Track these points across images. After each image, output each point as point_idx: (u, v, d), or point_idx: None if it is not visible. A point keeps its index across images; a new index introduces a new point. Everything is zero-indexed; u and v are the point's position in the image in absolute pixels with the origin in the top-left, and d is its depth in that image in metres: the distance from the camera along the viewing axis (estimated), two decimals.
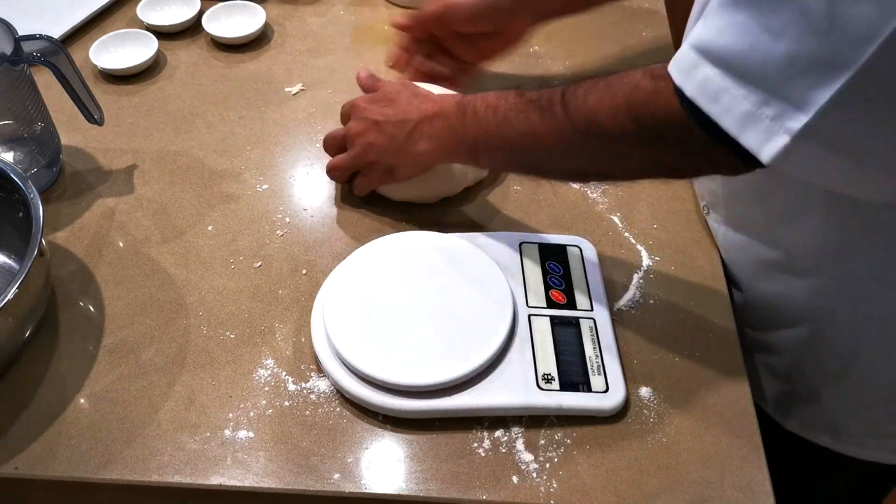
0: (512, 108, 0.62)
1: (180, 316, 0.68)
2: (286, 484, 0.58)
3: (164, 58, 0.95)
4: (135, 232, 0.75)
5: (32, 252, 0.59)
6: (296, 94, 0.91)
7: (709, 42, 0.48)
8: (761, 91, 0.46)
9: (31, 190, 0.64)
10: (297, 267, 0.72)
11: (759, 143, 0.47)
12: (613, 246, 0.74)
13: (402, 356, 0.61)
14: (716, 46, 0.48)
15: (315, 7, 1.04)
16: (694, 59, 0.49)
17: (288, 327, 0.67)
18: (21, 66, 0.72)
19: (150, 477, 0.58)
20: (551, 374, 0.62)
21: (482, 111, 0.64)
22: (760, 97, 0.46)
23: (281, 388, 0.63)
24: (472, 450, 0.59)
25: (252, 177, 0.81)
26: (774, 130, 0.46)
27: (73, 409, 0.62)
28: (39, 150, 0.79)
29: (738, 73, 0.47)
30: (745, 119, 0.47)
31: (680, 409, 0.62)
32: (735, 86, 0.47)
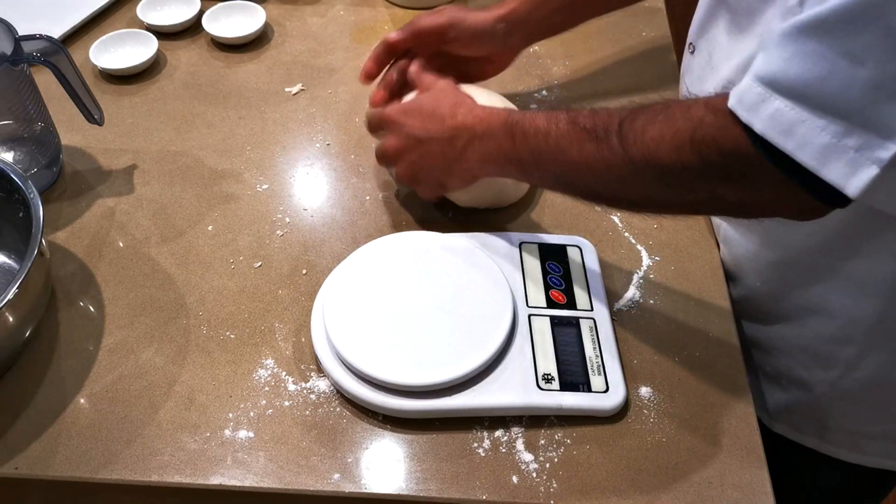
0: (565, 136, 0.60)
1: (180, 316, 0.68)
2: (286, 484, 0.58)
3: (164, 58, 0.95)
4: (135, 232, 0.75)
5: (32, 252, 0.59)
6: (296, 94, 0.91)
7: (776, 74, 0.46)
8: (842, 121, 0.44)
9: (31, 190, 0.64)
10: (297, 267, 0.72)
11: (844, 176, 0.45)
12: (613, 246, 0.74)
13: (402, 356, 0.61)
14: (785, 78, 0.46)
15: (315, 7, 1.04)
16: (760, 92, 0.47)
17: (288, 327, 0.67)
18: (21, 66, 0.72)
19: (150, 477, 0.58)
20: (551, 374, 0.62)
21: (532, 135, 0.62)
22: (841, 127, 0.44)
23: (281, 388, 0.63)
24: (472, 450, 0.59)
25: (252, 177, 0.81)
26: (860, 162, 0.44)
27: (73, 409, 0.62)
28: (39, 150, 0.79)
29: (814, 104, 0.45)
30: (826, 152, 0.45)
31: (680, 409, 0.62)
32: (811, 117, 0.45)
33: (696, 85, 0.73)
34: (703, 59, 0.72)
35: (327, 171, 0.82)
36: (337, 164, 0.83)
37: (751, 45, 0.63)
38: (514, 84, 0.92)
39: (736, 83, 0.64)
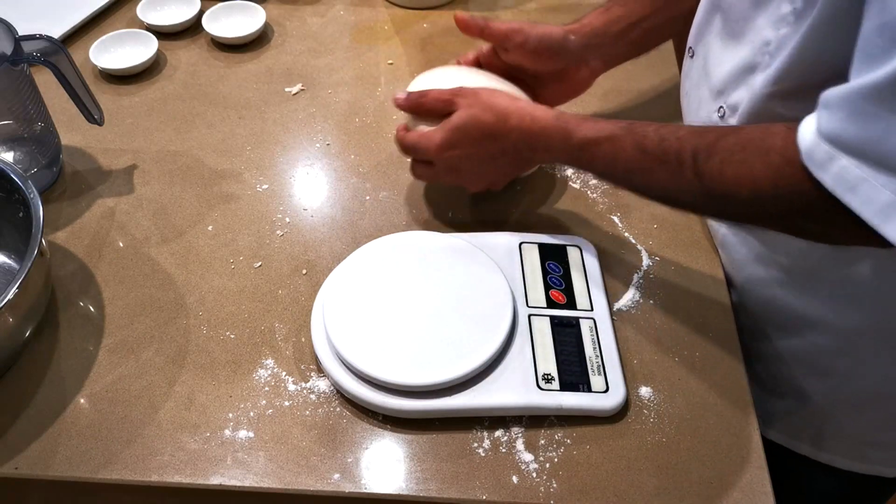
0: (633, 162, 0.60)
1: (180, 316, 0.68)
2: (286, 484, 0.58)
3: (164, 58, 0.95)
4: (135, 232, 0.75)
5: (32, 252, 0.59)
6: (296, 94, 0.91)
7: (840, 133, 0.47)
8: None
9: (31, 190, 0.64)
10: (297, 267, 0.72)
11: None
12: (613, 246, 0.74)
13: (402, 356, 0.61)
14: (847, 136, 0.47)
15: (315, 7, 1.04)
16: (828, 150, 0.48)
17: (288, 327, 0.67)
18: (21, 66, 0.72)
19: (150, 477, 0.58)
20: (551, 374, 0.62)
21: (599, 159, 0.63)
22: None
23: (281, 388, 0.63)
24: (472, 450, 0.59)
25: (252, 177, 0.81)
26: None
27: (73, 409, 0.62)
28: (39, 150, 0.79)
29: (875, 162, 0.46)
30: (887, 209, 0.46)
31: (680, 409, 0.62)
32: (874, 174, 0.46)
33: (694, 90, 0.73)
34: (699, 64, 0.72)
35: (327, 171, 0.82)
36: (337, 164, 0.83)
37: (743, 51, 0.63)
38: None
39: (727, 91, 0.65)
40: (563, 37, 0.74)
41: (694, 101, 0.73)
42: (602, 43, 0.76)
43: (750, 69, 0.62)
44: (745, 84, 0.63)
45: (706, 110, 0.69)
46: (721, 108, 0.66)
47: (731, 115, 0.65)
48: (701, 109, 0.71)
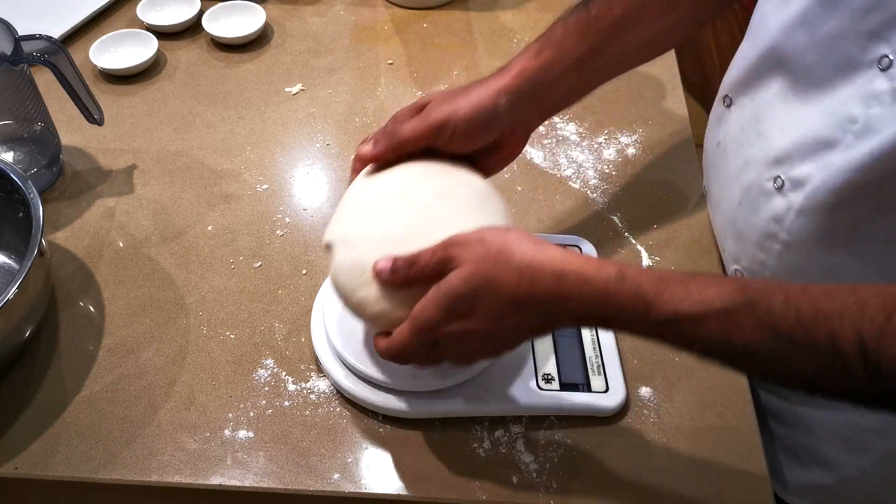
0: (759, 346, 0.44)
1: (180, 316, 0.68)
2: (286, 484, 0.58)
3: (163, 58, 0.95)
4: (135, 232, 0.75)
5: (32, 252, 0.59)
6: (296, 94, 0.91)
7: None
8: None
9: (31, 190, 0.64)
10: (297, 267, 0.72)
11: None
12: (613, 246, 0.74)
13: None
14: None
15: (315, 7, 1.04)
16: None
17: (288, 327, 0.67)
18: (21, 66, 0.72)
19: (149, 477, 0.58)
20: (551, 374, 0.62)
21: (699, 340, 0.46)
22: None
23: (281, 388, 0.63)
24: (472, 450, 0.59)
25: (252, 177, 0.81)
26: None
27: (73, 409, 0.62)
28: (39, 150, 0.79)
29: None
30: None
31: (680, 409, 0.62)
32: None
33: (736, 146, 0.66)
34: (745, 120, 0.65)
35: (327, 171, 0.82)
36: (337, 164, 0.83)
37: (815, 121, 0.55)
38: None
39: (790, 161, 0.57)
40: (494, 105, 0.61)
41: (735, 157, 0.66)
42: (534, 94, 0.63)
43: (825, 145, 0.54)
44: (817, 160, 0.55)
45: (754, 174, 0.62)
46: (778, 178, 0.59)
47: (793, 189, 0.57)
48: (747, 172, 0.63)
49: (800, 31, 0.57)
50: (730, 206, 0.67)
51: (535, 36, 0.64)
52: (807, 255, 0.59)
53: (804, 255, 0.60)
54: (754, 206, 0.62)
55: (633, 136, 0.86)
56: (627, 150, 0.84)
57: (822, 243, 0.58)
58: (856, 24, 0.52)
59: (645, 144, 0.85)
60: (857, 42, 0.52)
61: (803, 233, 0.58)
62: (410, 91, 0.92)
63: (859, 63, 0.52)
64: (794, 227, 0.59)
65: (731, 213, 0.67)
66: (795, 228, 0.59)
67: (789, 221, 0.59)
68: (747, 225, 0.64)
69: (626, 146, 0.85)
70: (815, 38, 0.55)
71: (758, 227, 0.62)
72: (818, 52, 0.55)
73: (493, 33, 1.00)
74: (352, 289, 0.54)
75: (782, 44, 0.59)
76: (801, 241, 0.59)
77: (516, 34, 0.99)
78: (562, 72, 0.63)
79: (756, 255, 0.63)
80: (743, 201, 0.64)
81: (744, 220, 0.64)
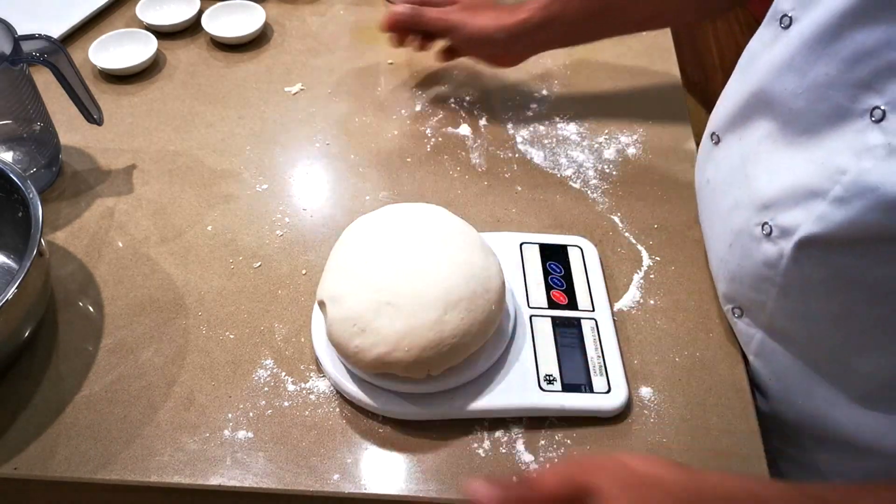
0: None
1: (180, 316, 0.68)
2: (286, 484, 0.57)
3: (163, 57, 0.95)
4: (134, 232, 0.75)
5: (32, 252, 0.59)
6: (296, 94, 0.91)
7: None
8: None
9: (31, 190, 0.64)
10: (296, 267, 0.72)
11: None
12: (614, 246, 0.74)
13: None
14: None
15: (315, 7, 1.04)
16: None
17: (288, 327, 0.67)
18: (20, 66, 0.72)
19: (149, 477, 0.58)
20: (553, 375, 0.62)
21: None
22: None
23: (280, 389, 0.63)
24: (472, 450, 0.59)
25: (252, 177, 0.81)
26: None
27: (73, 410, 0.61)
28: (39, 150, 0.79)
29: None
30: None
31: (680, 409, 0.62)
32: None
33: (727, 187, 0.64)
34: (732, 160, 0.64)
35: (327, 171, 0.82)
36: (337, 164, 0.82)
37: (803, 169, 0.54)
38: (513, 84, 0.92)
39: (777, 207, 0.56)
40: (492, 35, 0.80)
41: (723, 198, 0.65)
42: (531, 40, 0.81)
43: (813, 194, 0.52)
44: (805, 208, 0.53)
45: (743, 218, 0.61)
46: (766, 224, 0.57)
47: (782, 237, 0.56)
48: (736, 214, 0.62)
49: (788, 75, 0.55)
50: (720, 247, 0.65)
51: None
52: (807, 298, 0.57)
53: (804, 299, 0.57)
54: (745, 251, 0.61)
55: (633, 136, 0.86)
56: (627, 150, 0.84)
57: (821, 288, 0.56)
58: (845, 73, 0.50)
59: (645, 144, 0.85)
60: (846, 91, 0.50)
61: (799, 278, 0.56)
62: (410, 91, 0.91)
63: (849, 113, 0.50)
64: (790, 273, 0.57)
65: (723, 254, 0.65)
66: (791, 274, 0.57)
67: (783, 267, 0.57)
68: (740, 269, 0.62)
69: (626, 146, 0.84)
70: (803, 84, 0.53)
71: (751, 271, 0.60)
72: (806, 98, 0.53)
73: None
74: (347, 339, 0.58)
75: (770, 86, 0.57)
76: (799, 286, 0.57)
77: None
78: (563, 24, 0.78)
79: (752, 297, 0.62)
80: (734, 244, 0.62)
81: (735, 263, 0.63)
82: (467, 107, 0.89)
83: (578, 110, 0.88)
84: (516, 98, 0.90)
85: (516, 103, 0.90)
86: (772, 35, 0.58)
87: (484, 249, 0.62)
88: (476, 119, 0.88)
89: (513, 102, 0.90)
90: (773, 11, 0.59)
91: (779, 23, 0.57)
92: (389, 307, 0.57)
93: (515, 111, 0.89)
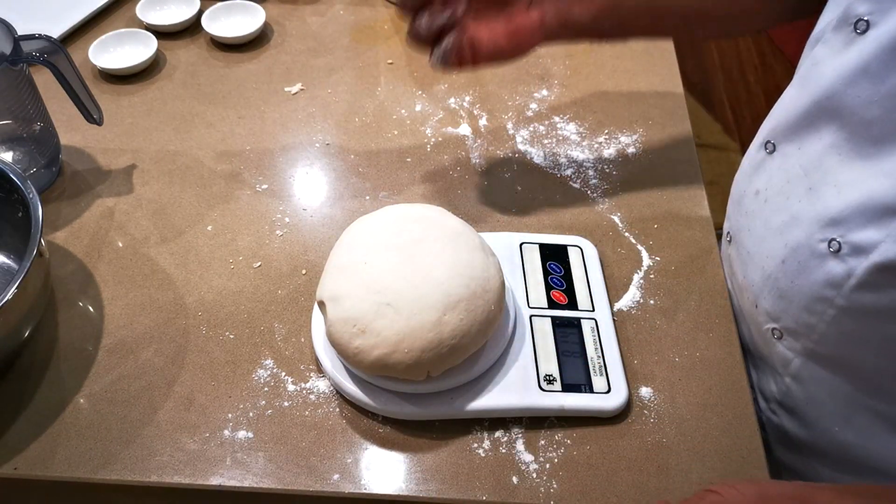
0: None
1: (180, 316, 0.68)
2: (286, 484, 0.57)
3: (163, 57, 0.95)
4: (134, 232, 0.75)
5: (32, 252, 0.59)
6: (296, 94, 0.91)
7: None
8: None
9: (31, 190, 0.64)
10: (296, 267, 0.72)
11: None
12: (613, 246, 0.74)
13: None
14: None
15: (315, 7, 1.04)
16: None
17: (287, 327, 0.67)
18: (20, 66, 0.72)
19: (149, 477, 0.58)
20: (553, 375, 0.62)
21: None
22: None
23: (280, 389, 0.63)
24: (472, 450, 0.59)
25: (252, 177, 0.81)
26: None
27: (73, 409, 0.61)
28: (39, 150, 0.79)
29: None
30: None
31: (680, 409, 0.62)
32: None
33: (783, 200, 0.61)
34: (792, 171, 0.60)
35: (327, 171, 0.82)
36: (337, 164, 0.83)
37: (878, 183, 0.51)
38: (513, 84, 0.92)
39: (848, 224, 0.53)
40: None
41: (778, 211, 0.61)
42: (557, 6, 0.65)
43: (890, 211, 0.50)
44: (882, 227, 0.51)
45: (803, 234, 0.58)
46: (834, 241, 0.54)
47: (853, 255, 0.53)
48: (794, 229, 0.59)
49: (862, 82, 0.52)
50: (769, 263, 0.62)
51: None
52: (865, 322, 0.55)
53: (864, 324, 0.55)
54: (803, 268, 0.58)
55: (633, 136, 0.86)
56: (627, 150, 0.84)
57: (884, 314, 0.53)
58: None
59: (645, 144, 0.85)
60: None
61: (866, 302, 0.53)
62: (410, 91, 0.92)
63: None
64: (855, 296, 0.54)
65: (772, 270, 0.61)
66: (856, 297, 0.54)
67: (848, 288, 0.54)
68: (792, 286, 0.59)
69: (626, 146, 0.84)
70: (879, 92, 0.51)
71: (807, 290, 0.57)
72: (882, 106, 0.50)
73: None
74: (347, 340, 0.58)
75: (840, 93, 0.54)
76: (864, 311, 0.54)
77: None
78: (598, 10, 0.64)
79: (802, 318, 0.59)
80: (788, 260, 0.59)
81: (788, 281, 0.59)
82: (467, 107, 0.89)
83: (578, 110, 0.89)
84: (516, 98, 0.90)
85: (516, 103, 0.90)
86: (843, 40, 0.55)
87: (484, 250, 0.62)
88: (476, 119, 0.88)
89: (513, 102, 0.90)
90: (843, 15, 0.55)
91: (853, 28, 0.54)
92: (389, 308, 0.57)
93: (515, 111, 0.89)
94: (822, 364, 0.60)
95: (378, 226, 0.63)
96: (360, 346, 0.57)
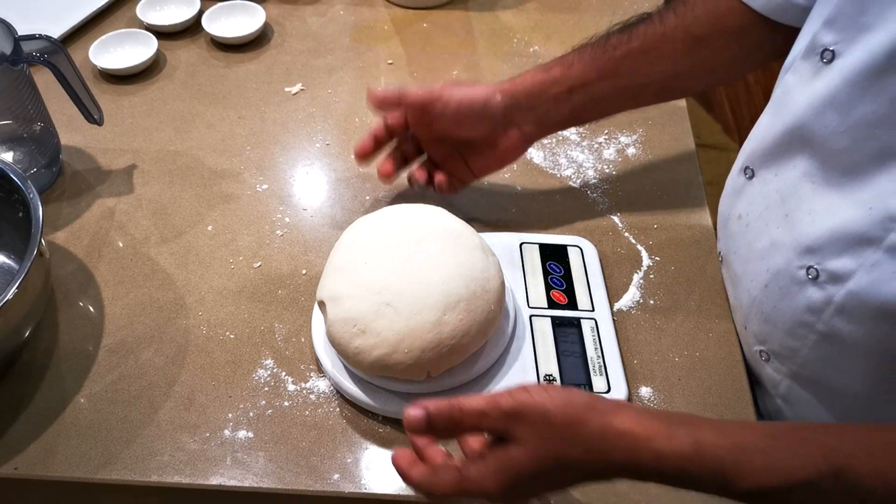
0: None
1: (180, 316, 0.68)
2: (286, 484, 0.57)
3: (163, 58, 0.95)
4: (134, 232, 0.75)
5: (32, 252, 0.59)
6: (296, 94, 0.91)
7: None
8: None
9: (31, 190, 0.64)
10: (296, 267, 0.72)
11: None
12: (613, 246, 0.74)
13: None
14: None
15: (315, 7, 1.04)
16: None
17: (288, 327, 0.67)
18: (21, 66, 0.72)
19: (149, 477, 0.58)
20: (553, 374, 0.62)
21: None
22: None
23: (280, 389, 0.63)
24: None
25: (252, 177, 0.81)
26: None
27: (73, 409, 0.61)
28: (39, 150, 0.79)
29: None
30: None
31: (680, 408, 0.62)
32: None
33: (763, 225, 0.61)
34: (770, 197, 0.60)
35: (327, 171, 0.82)
36: (337, 164, 0.83)
37: (850, 213, 0.51)
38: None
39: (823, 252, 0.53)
40: (485, 100, 0.67)
41: (760, 236, 0.61)
42: (535, 105, 0.67)
43: (863, 241, 0.50)
44: (856, 256, 0.51)
45: (783, 260, 0.57)
46: (812, 268, 0.54)
47: (831, 283, 0.53)
48: (774, 255, 0.59)
49: (829, 112, 0.52)
50: (754, 287, 0.62)
51: (534, 36, 0.66)
52: (847, 347, 0.54)
53: (846, 349, 0.54)
54: (784, 293, 0.58)
55: (633, 136, 0.86)
56: (627, 150, 0.84)
57: (866, 339, 0.52)
58: (894, 112, 0.48)
59: (645, 144, 0.85)
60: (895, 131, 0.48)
61: (845, 329, 0.53)
62: None
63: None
64: (834, 322, 0.54)
65: (756, 294, 0.61)
66: (836, 323, 0.54)
67: (828, 314, 0.54)
68: (776, 311, 0.59)
69: (626, 146, 0.84)
70: (846, 123, 0.51)
71: (789, 315, 0.57)
72: (850, 137, 0.51)
73: (492, 33, 1.00)
74: (347, 340, 0.58)
75: (809, 124, 0.54)
76: (844, 336, 0.53)
77: (516, 34, 0.99)
78: (568, 89, 0.67)
79: (787, 342, 0.59)
80: (770, 285, 0.59)
81: (771, 305, 0.59)
82: None
83: None
84: None
85: None
86: (811, 69, 0.55)
87: (484, 250, 0.62)
88: None
89: None
90: (810, 44, 0.55)
91: (819, 57, 0.54)
92: (389, 308, 0.57)
93: None
94: (807, 387, 0.60)
95: (378, 226, 0.63)
96: (360, 346, 0.57)
